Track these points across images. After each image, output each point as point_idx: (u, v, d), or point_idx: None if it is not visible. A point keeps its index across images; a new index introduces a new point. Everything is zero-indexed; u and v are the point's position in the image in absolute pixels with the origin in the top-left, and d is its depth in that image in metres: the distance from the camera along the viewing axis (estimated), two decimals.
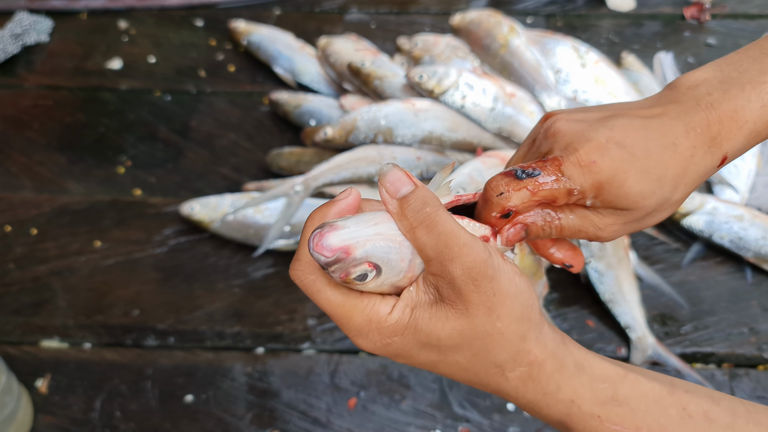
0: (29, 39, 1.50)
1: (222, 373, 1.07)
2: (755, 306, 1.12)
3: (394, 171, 0.48)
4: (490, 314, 0.48)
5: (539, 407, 0.51)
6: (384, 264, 0.49)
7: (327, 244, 0.47)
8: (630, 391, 0.50)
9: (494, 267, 0.48)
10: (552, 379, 0.50)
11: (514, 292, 0.49)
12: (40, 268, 1.18)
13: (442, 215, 0.47)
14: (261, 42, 1.47)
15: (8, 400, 0.95)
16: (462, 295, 0.48)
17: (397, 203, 0.48)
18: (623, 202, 0.52)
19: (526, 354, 0.50)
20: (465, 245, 0.47)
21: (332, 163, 1.21)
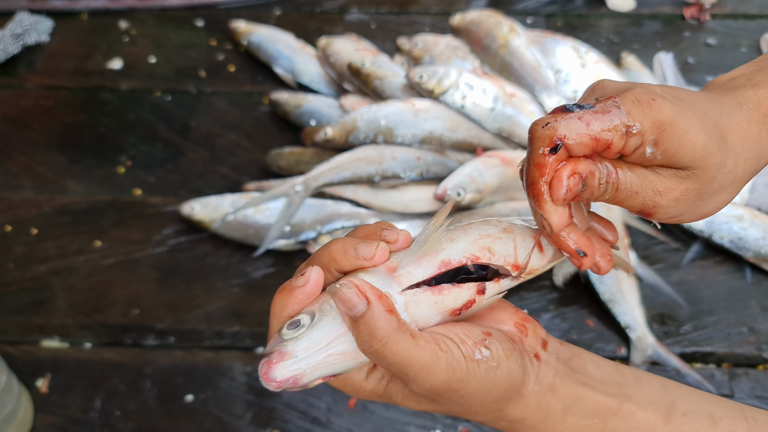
0: (30, 39, 1.50)
1: (221, 373, 1.07)
2: (755, 306, 1.12)
3: (343, 291, 0.46)
4: (461, 405, 0.48)
5: None
6: (342, 372, 0.49)
7: (273, 377, 0.46)
8: (620, 426, 0.49)
9: (460, 379, 0.46)
10: (535, 429, 0.51)
11: (485, 390, 0.47)
12: (40, 268, 1.18)
13: (392, 348, 0.45)
14: (261, 42, 1.47)
15: (8, 399, 0.95)
16: (426, 398, 0.48)
17: (349, 321, 0.46)
18: (687, 155, 0.46)
19: (503, 418, 0.50)
20: (421, 371, 0.45)
21: (332, 163, 1.21)
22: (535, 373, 0.51)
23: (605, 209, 1.14)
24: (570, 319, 1.12)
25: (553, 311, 1.13)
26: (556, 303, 1.13)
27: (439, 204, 1.18)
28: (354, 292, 0.45)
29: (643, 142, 0.45)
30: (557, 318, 1.12)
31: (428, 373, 0.45)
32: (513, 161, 1.21)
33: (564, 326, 1.11)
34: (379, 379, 0.50)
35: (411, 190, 1.23)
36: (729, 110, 0.48)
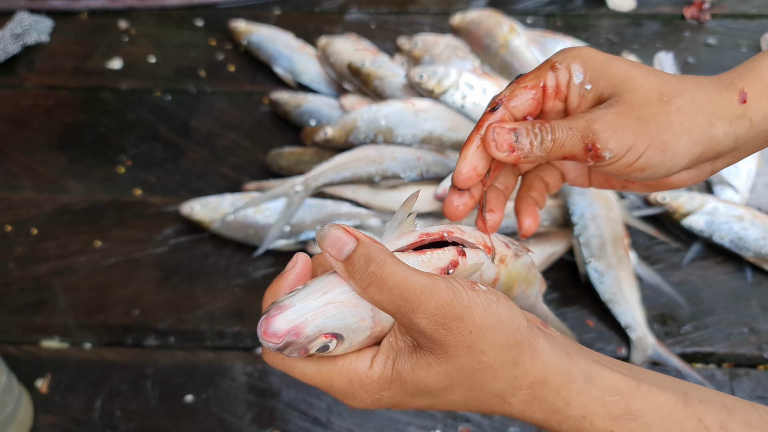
0: (30, 39, 1.50)
1: (222, 373, 1.07)
2: (755, 306, 1.13)
3: (331, 232, 0.46)
4: (472, 352, 0.47)
5: (549, 425, 0.49)
6: (343, 330, 0.48)
7: (273, 330, 0.46)
8: (643, 404, 0.48)
9: (463, 304, 0.46)
10: (559, 396, 0.48)
11: (492, 323, 0.47)
12: (41, 268, 1.18)
13: (390, 268, 0.45)
14: (261, 42, 1.47)
15: (9, 399, 0.95)
16: (437, 341, 0.46)
17: (342, 265, 0.46)
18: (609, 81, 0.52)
19: (523, 377, 0.48)
20: (423, 293, 0.45)
21: (332, 163, 1.21)
22: (543, 335, 0.50)
23: (605, 209, 1.14)
24: (570, 319, 1.12)
25: (554, 311, 1.13)
26: (557, 303, 1.13)
27: (440, 204, 1.18)
28: (341, 232, 0.46)
29: (569, 73, 0.52)
30: (557, 318, 1.12)
31: (430, 293, 0.45)
32: None
33: None
34: (384, 360, 0.49)
35: (411, 190, 1.23)
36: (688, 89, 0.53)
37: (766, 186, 1.25)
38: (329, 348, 0.47)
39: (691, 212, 1.17)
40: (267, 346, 0.46)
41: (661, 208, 1.18)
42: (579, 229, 1.14)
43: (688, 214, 1.17)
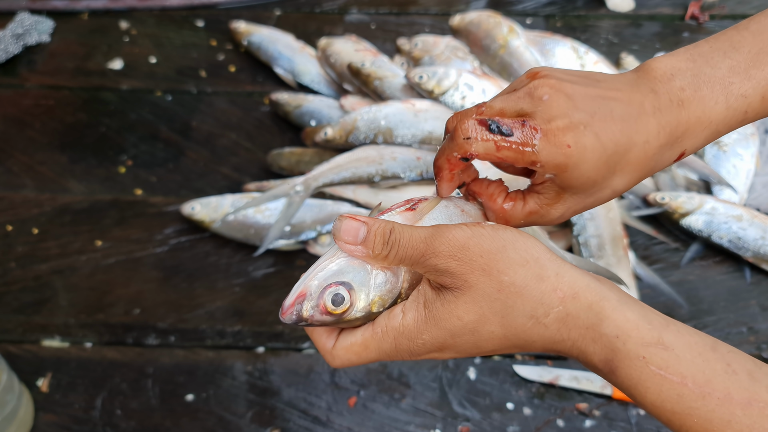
0: (31, 39, 1.50)
1: (222, 372, 1.07)
2: (754, 305, 1.13)
3: (343, 224, 0.52)
4: (489, 274, 0.49)
5: (585, 345, 0.49)
6: (350, 279, 0.52)
7: (284, 307, 0.52)
8: (675, 339, 0.48)
9: (466, 236, 0.50)
10: (592, 311, 0.49)
11: (500, 245, 0.50)
12: (42, 267, 1.19)
13: (397, 230, 0.51)
14: (261, 42, 1.47)
15: (9, 398, 0.95)
16: (453, 274, 0.50)
17: (362, 248, 0.52)
18: (574, 183, 0.53)
19: (552, 293, 0.50)
20: (428, 238, 0.51)
21: (332, 163, 1.21)
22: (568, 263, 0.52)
23: (605, 209, 1.15)
24: None
25: None
26: None
27: None
28: (350, 221, 0.52)
29: (543, 171, 0.53)
30: None
31: (434, 237, 0.50)
32: None
33: None
34: (414, 306, 0.52)
35: (411, 190, 1.24)
36: (647, 139, 0.53)
37: (765, 186, 1.25)
38: (344, 298, 0.51)
39: (690, 212, 1.17)
40: (286, 320, 0.52)
41: (660, 208, 1.18)
42: (578, 229, 1.14)
43: (687, 214, 1.17)
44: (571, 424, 1.03)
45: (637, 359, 0.48)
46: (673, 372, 0.47)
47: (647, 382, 0.47)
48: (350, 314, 0.52)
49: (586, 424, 1.02)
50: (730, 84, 0.54)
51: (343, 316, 0.52)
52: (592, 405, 1.04)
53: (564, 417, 1.03)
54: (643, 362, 0.47)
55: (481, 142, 0.53)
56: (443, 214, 0.57)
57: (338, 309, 0.51)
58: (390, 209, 0.57)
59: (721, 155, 1.27)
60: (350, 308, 0.52)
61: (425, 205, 0.57)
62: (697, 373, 0.47)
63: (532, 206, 0.56)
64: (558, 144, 0.51)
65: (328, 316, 0.52)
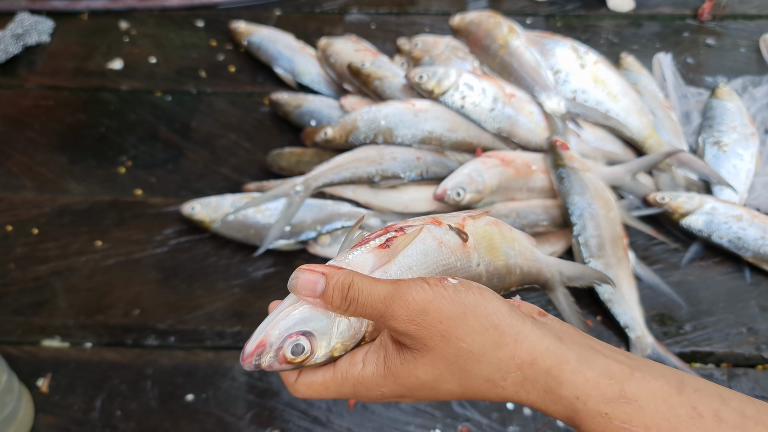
0: (30, 39, 1.50)
1: (222, 373, 1.07)
2: (754, 306, 1.13)
3: (300, 278, 0.51)
4: (448, 340, 0.49)
5: (544, 405, 0.50)
6: (311, 328, 0.52)
7: (244, 354, 0.52)
8: (638, 389, 0.48)
9: (426, 299, 0.49)
10: (550, 376, 0.49)
11: (461, 311, 0.49)
12: (41, 268, 1.19)
13: (357, 285, 0.50)
14: (261, 43, 1.47)
15: (9, 399, 0.95)
16: (412, 337, 0.50)
17: (320, 301, 0.51)
18: None
19: (509, 360, 0.50)
20: (386, 298, 0.50)
21: (332, 163, 1.21)
22: (531, 320, 0.51)
23: (604, 209, 1.15)
24: None
25: (553, 311, 1.13)
26: None
27: (439, 204, 1.19)
28: (308, 274, 0.51)
29: None
30: None
31: (392, 298, 0.49)
32: (512, 161, 1.21)
33: None
34: (375, 359, 0.52)
35: (411, 190, 1.24)
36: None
37: (765, 186, 1.25)
38: (304, 348, 0.52)
39: (689, 212, 1.17)
40: (246, 368, 0.52)
41: (660, 208, 1.18)
42: (578, 229, 1.14)
43: (687, 214, 1.17)
44: None
45: (600, 416, 0.48)
46: (637, 424, 0.47)
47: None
48: (310, 361, 0.53)
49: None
50: None
51: (303, 364, 0.53)
52: None
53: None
54: (605, 418, 0.48)
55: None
56: (418, 250, 0.56)
57: (298, 358, 0.52)
58: (365, 241, 0.56)
59: (721, 155, 1.27)
60: (310, 356, 0.52)
61: (401, 240, 0.56)
62: (662, 422, 0.47)
63: None
64: None
65: (287, 364, 0.52)
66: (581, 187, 1.16)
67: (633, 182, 1.21)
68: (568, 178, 1.17)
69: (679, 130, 1.33)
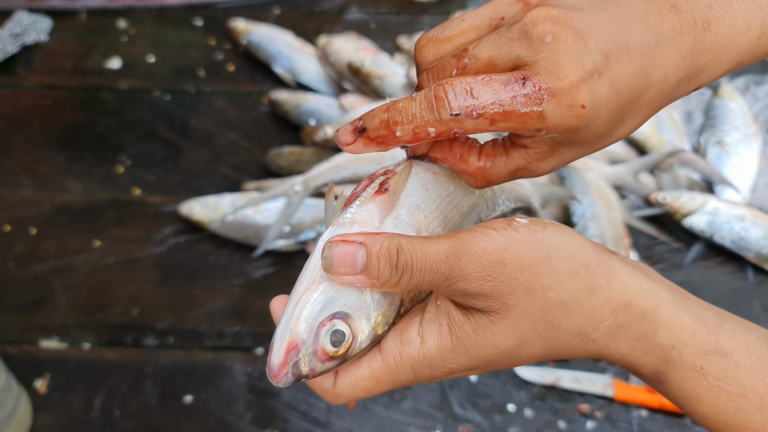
0: (28, 38, 1.50)
1: (222, 373, 1.07)
2: (757, 306, 1.12)
3: (335, 251, 0.42)
4: (533, 292, 0.41)
5: (635, 356, 0.43)
6: (344, 307, 0.43)
7: (273, 368, 0.42)
8: (732, 342, 0.43)
9: (498, 248, 0.41)
10: (645, 320, 0.42)
11: (543, 255, 0.41)
12: (40, 267, 1.18)
13: (406, 248, 0.41)
14: (260, 41, 1.46)
15: (7, 399, 0.95)
16: (488, 296, 0.41)
17: (365, 278, 0.42)
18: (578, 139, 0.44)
19: (603, 305, 0.42)
20: (449, 256, 0.41)
21: (332, 162, 1.20)
22: (616, 257, 0.44)
23: (606, 209, 1.14)
24: None
25: None
26: None
27: None
28: (342, 246, 0.42)
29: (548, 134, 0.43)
30: None
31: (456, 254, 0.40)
32: None
33: None
34: (436, 329, 0.44)
35: None
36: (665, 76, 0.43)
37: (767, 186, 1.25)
38: (344, 333, 0.42)
39: (692, 212, 1.17)
40: (282, 384, 0.42)
41: (662, 208, 1.18)
42: (580, 229, 1.13)
43: (689, 214, 1.17)
44: (573, 425, 1.02)
45: (694, 370, 0.42)
46: (732, 383, 0.42)
47: (702, 394, 0.43)
48: (354, 349, 0.43)
49: (587, 426, 1.02)
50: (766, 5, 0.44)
51: (348, 354, 0.43)
52: (593, 406, 1.03)
53: (565, 418, 1.03)
54: (699, 374, 0.42)
55: (470, 120, 0.42)
56: (417, 185, 0.48)
57: (341, 349, 0.42)
58: (356, 195, 0.47)
59: (723, 155, 1.26)
60: (354, 342, 0.43)
61: (397, 180, 0.47)
62: (757, 382, 0.42)
63: (518, 162, 0.46)
64: (571, 105, 0.41)
65: (331, 361, 0.42)
66: (583, 187, 1.15)
67: (635, 182, 1.21)
68: (570, 177, 1.17)
69: (681, 129, 1.33)
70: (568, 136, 0.43)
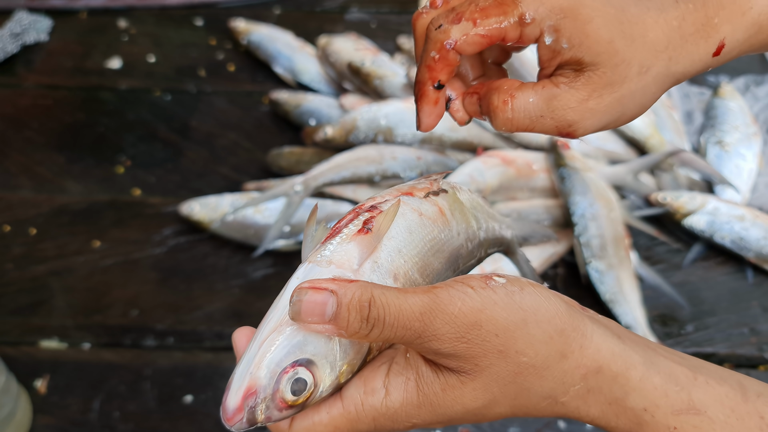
0: (29, 38, 1.50)
1: (221, 374, 1.07)
2: (756, 306, 1.12)
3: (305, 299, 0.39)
4: (506, 356, 0.41)
5: (606, 420, 0.43)
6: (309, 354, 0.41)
7: (228, 411, 0.40)
8: (704, 397, 0.42)
9: (475, 309, 0.40)
10: (616, 384, 0.42)
11: (520, 318, 0.41)
12: (39, 268, 1.18)
13: (379, 301, 0.39)
14: (261, 41, 1.46)
15: (7, 400, 0.95)
16: (460, 357, 0.40)
17: (333, 327, 0.40)
18: (593, 46, 0.44)
19: (574, 370, 0.42)
20: (423, 314, 0.39)
21: (332, 162, 1.20)
22: (587, 317, 0.43)
23: (606, 209, 1.14)
24: None
25: None
26: None
27: None
28: (310, 295, 0.40)
29: (541, 31, 0.45)
30: None
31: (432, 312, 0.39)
32: (514, 161, 1.21)
33: None
34: (403, 383, 0.42)
35: None
36: (660, 5, 0.45)
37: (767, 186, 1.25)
38: (307, 382, 0.41)
39: (692, 212, 1.16)
40: (233, 430, 0.40)
41: (662, 208, 1.18)
42: (580, 230, 1.13)
43: (689, 215, 1.17)
44: (573, 425, 1.02)
45: (667, 431, 0.42)
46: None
47: None
48: (315, 398, 0.41)
49: (587, 427, 1.02)
50: None
51: (308, 402, 0.41)
52: None
53: (565, 419, 1.02)
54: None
55: (455, 27, 0.45)
56: (401, 227, 0.47)
57: (300, 398, 0.40)
58: (338, 230, 0.46)
59: (723, 155, 1.26)
60: (315, 390, 0.41)
61: (381, 220, 0.45)
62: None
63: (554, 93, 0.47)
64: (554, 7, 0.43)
65: (289, 410, 0.40)
66: (583, 187, 1.15)
67: (635, 182, 1.21)
68: (570, 177, 1.17)
69: (681, 129, 1.32)
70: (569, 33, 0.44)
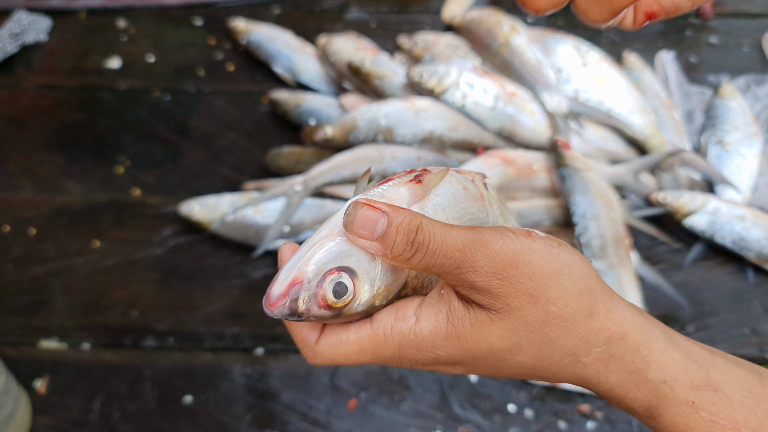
0: (28, 38, 1.49)
1: (221, 374, 1.06)
2: (757, 306, 1.12)
3: (359, 213, 0.42)
4: (537, 301, 0.42)
5: (626, 390, 0.44)
6: (352, 263, 0.43)
7: (273, 294, 0.42)
8: (722, 377, 0.43)
9: (515, 250, 0.42)
10: (638, 354, 0.43)
11: (555, 269, 0.42)
12: (39, 269, 1.18)
13: (426, 229, 0.41)
14: (260, 41, 1.46)
15: (7, 400, 0.95)
16: (494, 294, 0.42)
17: (379, 246, 0.42)
18: None
19: (599, 331, 0.43)
20: (466, 245, 0.41)
21: (332, 162, 1.20)
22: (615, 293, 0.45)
23: (606, 209, 1.14)
24: None
25: None
26: None
27: None
28: (367, 210, 0.42)
29: None
30: None
31: (474, 245, 0.41)
32: (514, 161, 1.20)
33: None
34: (434, 314, 0.44)
35: None
36: None
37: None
38: (347, 288, 0.42)
39: (692, 212, 1.16)
40: (276, 314, 0.42)
41: (663, 208, 1.17)
42: (580, 230, 1.13)
43: (689, 214, 1.16)
44: (573, 426, 1.02)
45: (686, 405, 0.43)
46: (725, 417, 0.43)
47: (696, 429, 0.43)
48: (351, 308, 0.43)
49: (587, 426, 1.02)
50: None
51: (343, 311, 0.43)
52: (594, 407, 1.03)
53: (566, 419, 1.02)
54: (692, 408, 0.43)
55: None
56: (448, 191, 0.48)
57: (339, 302, 0.42)
58: (391, 178, 0.48)
59: (724, 155, 1.26)
60: (352, 301, 0.43)
61: (432, 177, 0.47)
62: (749, 415, 0.43)
63: None
64: None
65: (326, 310, 0.42)
66: (583, 187, 1.15)
67: (635, 182, 1.21)
68: (570, 177, 1.16)
69: (681, 129, 1.32)
70: None
